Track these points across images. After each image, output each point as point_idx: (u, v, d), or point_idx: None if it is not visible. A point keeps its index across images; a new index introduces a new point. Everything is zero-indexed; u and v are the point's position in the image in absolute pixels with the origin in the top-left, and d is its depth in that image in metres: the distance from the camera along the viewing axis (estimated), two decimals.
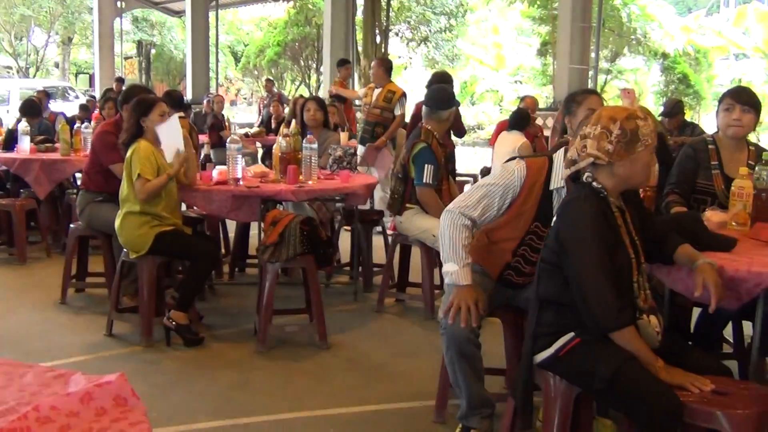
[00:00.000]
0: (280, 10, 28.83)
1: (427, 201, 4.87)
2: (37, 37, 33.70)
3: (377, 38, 18.72)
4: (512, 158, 3.19)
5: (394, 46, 23.51)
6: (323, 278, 5.99)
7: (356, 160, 5.98)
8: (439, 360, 3.46)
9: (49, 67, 35.78)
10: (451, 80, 7.71)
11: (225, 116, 11.96)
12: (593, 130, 2.56)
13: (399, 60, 24.93)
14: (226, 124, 11.46)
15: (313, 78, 27.33)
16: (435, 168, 4.82)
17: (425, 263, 5.09)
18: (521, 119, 7.91)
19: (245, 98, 39.62)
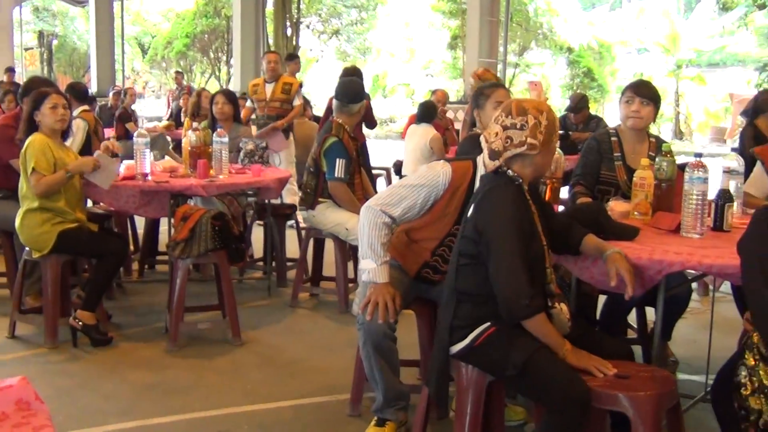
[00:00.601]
0: (188, 1, 28.28)
1: (340, 195, 4.87)
2: None
3: (288, 31, 18.61)
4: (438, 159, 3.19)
5: (306, 39, 23.44)
6: (236, 274, 5.93)
7: (268, 154, 5.93)
8: (353, 354, 3.47)
9: None
10: (360, 74, 7.72)
11: (134, 110, 11.66)
12: (521, 121, 2.60)
13: (310, 53, 24.83)
14: (134, 117, 11.18)
15: (224, 70, 26.94)
16: (347, 162, 4.82)
17: (339, 257, 5.09)
18: (428, 111, 7.98)
19: (153, 91, 38.74)
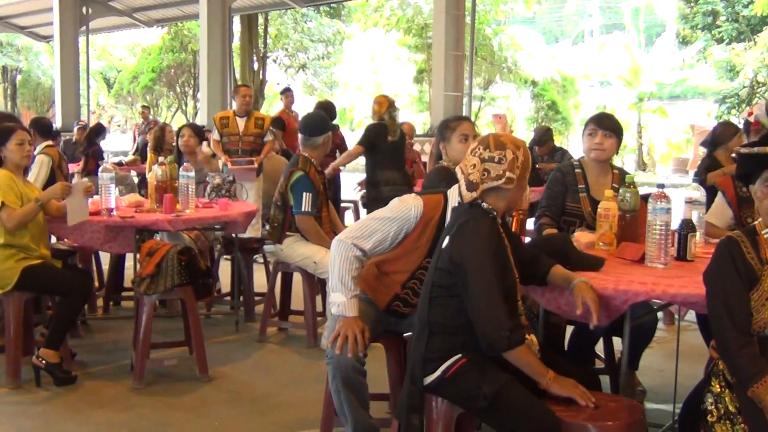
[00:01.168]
0: (154, 36, 28.25)
1: (307, 229, 4.86)
2: None
3: (255, 65, 18.66)
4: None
5: (272, 73, 23.48)
6: (203, 309, 5.87)
7: (235, 188, 5.92)
8: (322, 388, 3.44)
9: None
10: (330, 107, 7.75)
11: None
12: (499, 155, 2.63)
13: (277, 87, 24.87)
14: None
15: (191, 104, 26.88)
16: (313, 195, 4.82)
17: (307, 291, 5.06)
18: None
19: (119, 125, 38.47)
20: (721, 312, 2.41)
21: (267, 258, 6.45)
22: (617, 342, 3.82)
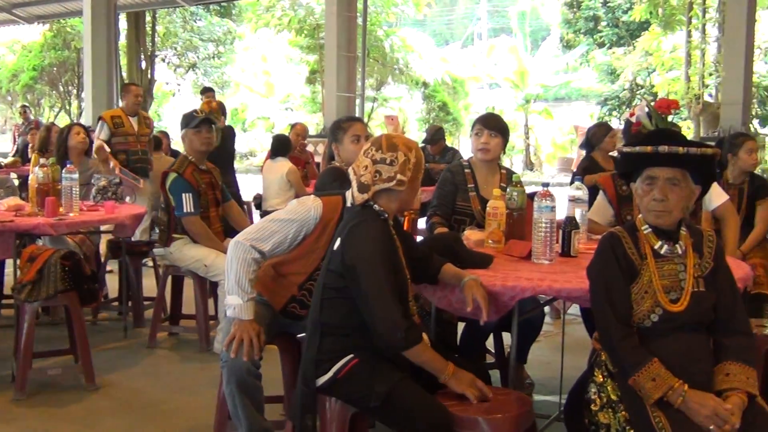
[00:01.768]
0: (35, 33, 27.08)
1: (195, 230, 4.77)
2: None
3: (142, 64, 18.19)
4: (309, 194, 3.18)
5: (161, 72, 22.92)
6: (89, 315, 5.67)
7: (122, 190, 5.76)
8: (216, 393, 3.39)
9: None
10: (221, 107, 7.64)
11: None
12: (391, 157, 2.65)
13: (166, 86, 24.31)
14: None
15: (74, 104, 25.92)
16: (194, 195, 4.74)
17: (199, 294, 4.97)
18: (282, 145, 7.98)
19: None
20: (603, 305, 2.51)
21: (156, 261, 6.30)
22: (507, 337, 3.92)
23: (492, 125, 3.89)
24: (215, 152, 5.17)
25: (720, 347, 2.53)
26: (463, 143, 23.81)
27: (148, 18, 19.50)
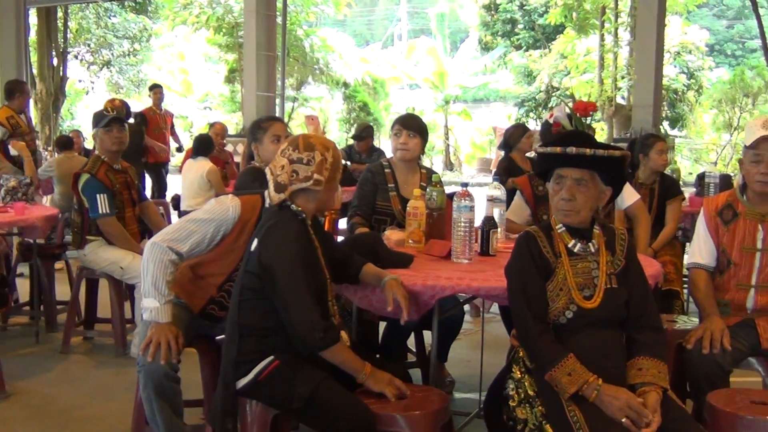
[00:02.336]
0: None
1: (111, 231, 4.67)
2: None
3: (54, 60, 17.64)
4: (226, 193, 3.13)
5: (74, 69, 22.24)
6: None
7: (32, 190, 5.58)
8: (133, 398, 3.32)
9: None
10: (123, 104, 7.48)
11: None
12: (307, 156, 2.64)
13: (80, 84, 23.63)
14: None
15: None
16: (109, 196, 4.64)
17: (114, 297, 4.85)
18: (204, 145, 7.87)
19: None
20: (520, 302, 2.57)
21: (69, 264, 6.13)
22: (427, 336, 3.96)
23: (411, 126, 3.93)
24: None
25: (632, 342, 2.60)
26: (384, 143, 23.92)
27: (60, 13, 18.90)
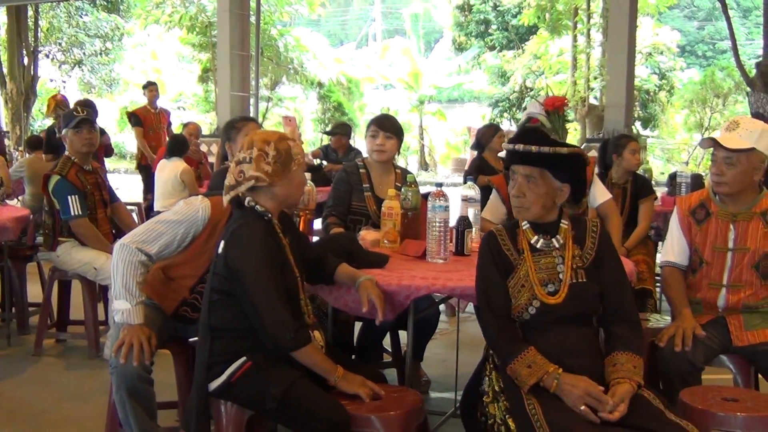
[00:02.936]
0: None
1: (83, 232, 4.64)
2: None
3: (24, 59, 17.46)
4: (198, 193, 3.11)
5: (45, 69, 21.97)
6: None
7: (3, 191, 5.52)
8: (106, 400, 3.29)
9: None
10: (91, 105, 7.42)
11: None
12: (249, 154, 2.62)
13: (51, 83, 23.36)
14: None
15: None
16: (80, 197, 4.60)
17: (87, 299, 4.82)
18: (178, 145, 7.82)
19: None
20: (482, 301, 2.62)
21: (41, 265, 6.06)
22: (403, 335, 3.97)
23: (387, 127, 3.94)
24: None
25: (609, 337, 2.61)
26: (359, 143, 23.90)
27: (31, 12, 18.68)
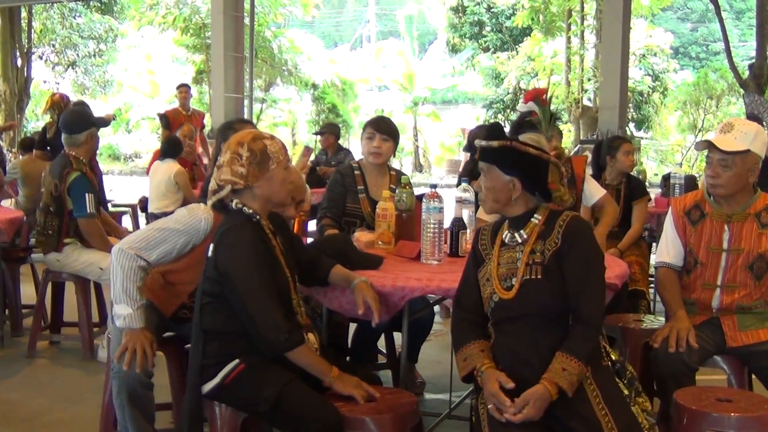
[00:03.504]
0: None
1: (92, 231, 4.64)
2: None
3: (18, 61, 17.43)
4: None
5: (39, 70, 21.93)
6: None
7: None
8: (100, 402, 3.29)
9: None
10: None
11: None
12: (224, 159, 2.63)
13: (44, 85, 23.31)
14: None
15: None
16: (94, 196, 4.64)
17: (81, 300, 4.80)
18: (173, 147, 7.82)
19: None
20: (456, 293, 2.68)
21: (35, 267, 6.04)
22: (398, 337, 3.96)
23: (383, 129, 3.94)
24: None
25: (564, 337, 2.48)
26: (353, 145, 23.91)
27: (24, 13, 18.64)
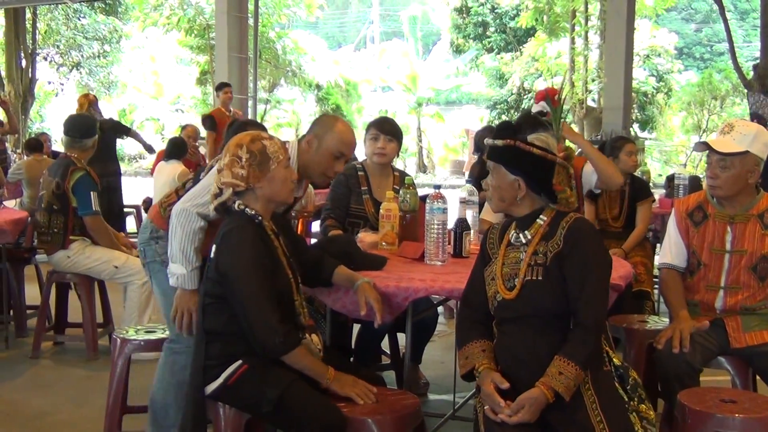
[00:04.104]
0: None
1: (98, 228, 4.72)
2: None
3: (23, 62, 17.47)
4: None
5: (43, 71, 21.97)
6: None
7: (1, 193, 5.53)
8: (104, 403, 3.30)
9: None
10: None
11: None
12: (224, 162, 2.64)
13: (49, 86, 23.36)
14: None
15: None
16: (98, 195, 4.72)
17: (85, 300, 4.81)
18: (177, 148, 7.84)
19: None
20: (464, 291, 2.70)
21: (39, 268, 6.05)
22: (402, 338, 3.96)
23: (387, 130, 3.93)
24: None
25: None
26: (357, 145, 23.88)
27: (29, 14, 18.68)
